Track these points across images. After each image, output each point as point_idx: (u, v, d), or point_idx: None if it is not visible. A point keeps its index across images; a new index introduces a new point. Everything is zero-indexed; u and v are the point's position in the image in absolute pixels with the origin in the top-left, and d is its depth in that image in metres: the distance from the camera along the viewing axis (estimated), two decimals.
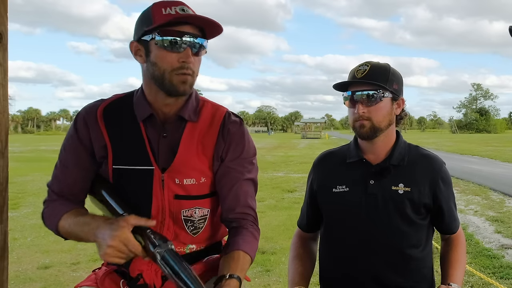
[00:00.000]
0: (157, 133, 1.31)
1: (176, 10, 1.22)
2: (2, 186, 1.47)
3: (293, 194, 8.92)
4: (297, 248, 1.72)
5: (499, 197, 8.46)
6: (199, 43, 1.25)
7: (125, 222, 1.14)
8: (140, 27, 1.25)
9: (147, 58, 1.25)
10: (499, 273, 4.09)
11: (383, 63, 1.56)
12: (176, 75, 1.23)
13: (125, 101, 1.35)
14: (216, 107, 1.38)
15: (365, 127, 1.50)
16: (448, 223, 1.61)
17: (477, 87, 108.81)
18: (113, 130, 1.31)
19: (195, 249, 1.37)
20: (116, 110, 1.33)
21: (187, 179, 1.30)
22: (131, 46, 1.29)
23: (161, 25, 1.20)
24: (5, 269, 1.48)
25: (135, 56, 1.29)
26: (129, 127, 1.31)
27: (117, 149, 1.30)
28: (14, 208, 7.21)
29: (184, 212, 1.31)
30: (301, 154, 20.78)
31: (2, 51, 1.46)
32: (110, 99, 1.36)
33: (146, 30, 1.22)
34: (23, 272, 4.16)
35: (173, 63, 1.22)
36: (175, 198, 1.30)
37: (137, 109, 1.32)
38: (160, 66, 1.23)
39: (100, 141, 1.31)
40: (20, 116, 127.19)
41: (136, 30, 1.28)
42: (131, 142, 1.30)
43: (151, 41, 1.23)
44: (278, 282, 3.87)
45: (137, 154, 1.29)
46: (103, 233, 1.14)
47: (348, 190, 1.57)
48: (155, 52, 1.23)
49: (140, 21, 1.27)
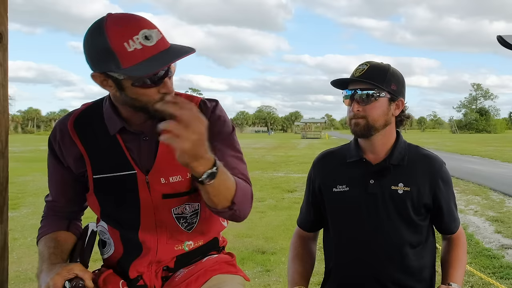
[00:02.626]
0: (136, 138, 1.29)
1: (140, 42, 1.09)
2: (2, 186, 1.47)
3: (293, 194, 8.91)
4: (297, 248, 1.72)
5: (499, 197, 8.45)
6: (171, 70, 1.19)
7: (65, 270, 1.19)
8: (104, 63, 1.12)
9: (121, 91, 1.17)
10: (499, 273, 4.09)
11: (383, 64, 1.56)
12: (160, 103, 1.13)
13: (95, 111, 1.32)
14: (190, 97, 1.34)
15: (359, 125, 1.51)
16: (447, 223, 1.61)
17: (477, 87, 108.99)
18: (88, 141, 1.30)
19: (193, 246, 1.37)
20: (87, 121, 1.32)
21: (172, 177, 1.29)
22: (94, 78, 1.17)
23: (133, 68, 1.10)
24: (5, 269, 1.48)
25: (102, 86, 1.19)
26: (103, 137, 1.29)
27: (95, 159, 1.30)
28: (14, 208, 7.21)
29: (175, 210, 1.31)
30: (301, 154, 20.79)
31: (2, 51, 1.46)
32: (80, 110, 1.35)
33: (115, 70, 1.12)
34: (23, 272, 4.16)
35: (154, 96, 1.16)
36: (163, 198, 1.29)
37: (108, 122, 1.29)
38: (140, 100, 1.17)
39: (75, 154, 1.31)
40: (20, 116, 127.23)
41: (97, 63, 1.14)
42: (108, 150, 1.29)
43: (124, 81, 1.14)
44: (278, 282, 3.87)
45: (116, 161, 1.29)
46: (42, 277, 1.21)
47: (348, 189, 1.57)
48: (131, 90, 1.16)
49: (99, 55, 1.12)
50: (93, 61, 1.16)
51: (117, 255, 1.36)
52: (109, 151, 1.29)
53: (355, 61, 50.71)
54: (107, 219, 1.37)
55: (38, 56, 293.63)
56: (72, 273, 1.19)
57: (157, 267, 1.34)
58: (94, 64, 1.16)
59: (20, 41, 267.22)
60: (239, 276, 1.42)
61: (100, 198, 1.32)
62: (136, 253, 1.33)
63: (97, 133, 1.30)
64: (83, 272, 1.21)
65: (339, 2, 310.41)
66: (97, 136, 1.30)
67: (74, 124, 1.31)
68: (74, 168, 1.32)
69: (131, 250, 1.34)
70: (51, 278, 1.16)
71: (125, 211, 1.31)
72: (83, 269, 1.22)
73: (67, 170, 1.34)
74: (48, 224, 1.39)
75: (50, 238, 1.34)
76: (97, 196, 1.32)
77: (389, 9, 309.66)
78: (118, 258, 1.36)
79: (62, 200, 1.41)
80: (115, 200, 1.31)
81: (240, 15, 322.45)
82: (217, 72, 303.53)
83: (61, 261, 1.27)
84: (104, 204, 1.34)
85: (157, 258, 1.33)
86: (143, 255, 1.33)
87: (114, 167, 1.29)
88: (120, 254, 1.36)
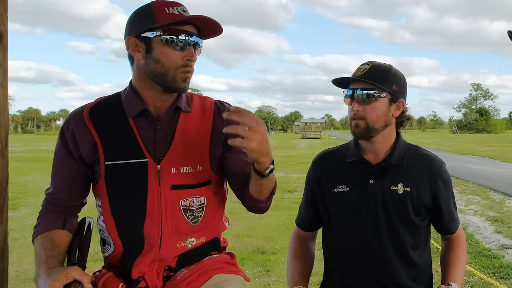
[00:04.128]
0: (152, 125, 1.34)
1: (179, 10, 1.26)
2: (2, 186, 1.47)
3: (293, 194, 8.92)
4: (296, 247, 1.72)
5: (499, 197, 8.46)
6: (199, 43, 1.30)
7: (63, 274, 1.18)
8: (141, 24, 1.27)
9: (148, 54, 1.28)
10: (499, 273, 4.09)
11: (386, 64, 1.56)
12: (180, 73, 1.28)
13: (110, 102, 1.39)
14: (203, 98, 1.45)
15: (359, 127, 1.51)
16: (447, 223, 1.61)
17: (477, 87, 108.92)
18: (102, 129, 1.34)
19: (196, 243, 1.37)
20: (103, 110, 1.37)
21: (183, 167, 1.33)
22: (128, 41, 1.30)
23: (167, 24, 1.24)
24: (5, 269, 1.48)
25: (132, 51, 1.30)
26: (118, 124, 1.34)
27: (108, 146, 1.33)
28: (14, 208, 7.22)
29: (183, 202, 1.33)
30: (301, 154, 20.79)
31: (2, 51, 1.46)
32: (95, 102, 1.41)
33: (150, 27, 1.25)
34: (23, 272, 4.16)
35: (177, 61, 1.27)
36: (172, 188, 1.32)
37: (128, 106, 1.35)
38: (163, 63, 1.27)
39: (89, 141, 1.33)
40: (20, 116, 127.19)
41: (135, 26, 1.29)
42: (122, 137, 1.33)
43: (155, 38, 1.25)
44: (278, 282, 3.87)
45: (129, 148, 1.32)
46: (40, 283, 1.22)
47: (348, 190, 1.57)
48: (159, 49, 1.26)
49: (139, 17, 1.29)
50: (133, 24, 1.30)
51: (118, 253, 1.36)
52: (123, 138, 1.33)
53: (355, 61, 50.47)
54: (113, 210, 1.35)
55: (38, 56, 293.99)
56: (70, 277, 1.19)
57: (159, 266, 1.34)
58: (132, 26, 1.29)
59: (20, 41, 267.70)
60: (240, 276, 1.43)
61: (109, 185, 1.33)
62: (138, 249, 1.32)
63: (112, 120, 1.35)
64: (81, 275, 1.20)
65: (339, 2, 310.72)
66: (112, 123, 1.34)
67: (89, 112, 1.36)
68: (86, 156, 1.34)
69: (132, 247, 1.33)
70: (50, 285, 1.16)
71: (132, 201, 1.32)
72: (82, 272, 1.22)
73: (75, 161, 1.35)
74: (44, 221, 1.39)
75: (47, 238, 1.34)
76: (107, 184, 1.33)
77: (389, 9, 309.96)
78: (120, 257, 1.36)
79: (64, 192, 1.40)
80: (123, 188, 1.32)
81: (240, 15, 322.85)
82: (217, 72, 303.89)
83: (58, 264, 1.27)
84: (112, 193, 1.34)
85: (159, 256, 1.32)
86: (145, 251, 1.32)
87: (126, 154, 1.32)
88: (120, 253, 1.35)
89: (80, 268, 1.24)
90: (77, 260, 1.31)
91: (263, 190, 1.29)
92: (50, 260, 1.27)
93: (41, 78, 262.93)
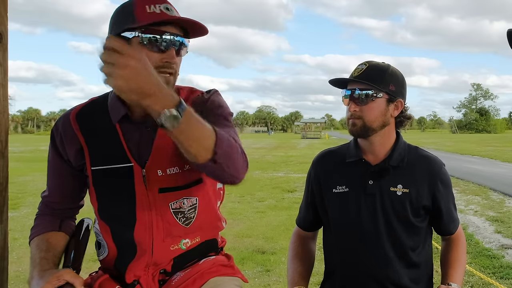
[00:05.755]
0: (137, 128, 1.28)
1: (161, 9, 1.18)
2: (2, 186, 1.47)
3: (293, 194, 8.90)
4: (296, 247, 1.72)
5: (499, 197, 8.45)
6: (182, 42, 1.21)
7: (55, 277, 1.19)
8: (120, 23, 1.19)
9: None
10: (499, 273, 4.09)
11: (383, 64, 1.56)
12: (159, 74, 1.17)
13: (100, 103, 1.33)
14: (192, 90, 1.35)
15: (356, 126, 1.51)
16: (446, 225, 1.61)
17: (477, 87, 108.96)
18: (88, 133, 1.30)
19: (190, 244, 1.34)
20: (90, 113, 1.33)
21: (170, 169, 1.27)
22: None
23: (146, 25, 1.15)
24: (5, 269, 1.48)
25: None
26: (104, 128, 1.29)
27: (94, 150, 1.30)
28: (14, 208, 7.20)
29: (173, 205, 1.29)
30: (301, 154, 20.77)
31: (2, 51, 1.46)
32: (85, 103, 1.36)
33: (129, 27, 1.17)
34: (23, 272, 4.15)
35: (156, 63, 1.17)
36: (160, 192, 1.27)
37: (112, 110, 1.29)
38: None
39: (75, 146, 1.31)
40: (20, 116, 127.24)
41: (114, 26, 1.21)
42: (106, 142, 1.29)
43: (134, 39, 1.17)
44: (278, 282, 3.86)
45: (113, 152, 1.28)
46: (32, 285, 1.22)
47: (348, 190, 1.56)
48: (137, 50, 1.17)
49: (119, 16, 1.22)
50: (113, 23, 1.22)
51: (112, 257, 1.34)
52: (107, 143, 1.28)
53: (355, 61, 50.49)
54: (103, 216, 1.33)
55: (38, 56, 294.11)
56: (63, 280, 1.18)
57: (154, 270, 1.32)
58: (113, 24, 1.22)
59: (20, 41, 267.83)
60: (237, 277, 1.40)
61: (98, 191, 1.31)
62: (130, 254, 1.30)
63: (98, 124, 1.30)
64: (74, 278, 1.20)
65: (339, 2, 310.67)
66: (97, 127, 1.30)
67: (76, 115, 1.32)
68: (74, 160, 1.31)
69: (125, 252, 1.31)
70: (41, 287, 1.16)
71: (120, 207, 1.29)
72: (74, 275, 1.21)
73: (66, 163, 1.33)
74: (40, 223, 1.38)
75: (42, 240, 1.33)
76: (95, 189, 1.31)
77: (389, 9, 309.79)
78: (114, 261, 1.34)
79: (58, 195, 1.39)
80: (111, 194, 1.29)
81: (240, 15, 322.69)
82: (217, 72, 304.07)
83: (52, 266, 1.26)
84: (101, 199, 1.32)
85: (153, 260, 1.30)
86: (138, 256, 1.30)
87: (111, 159, 1.28)
88: (114, 256, 1.33)
89: (72, 271, 1.24)
90: (72, 262, 1.30)
91: (188, 149, 1.01)
92: (44, 262, 1.26)
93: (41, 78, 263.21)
